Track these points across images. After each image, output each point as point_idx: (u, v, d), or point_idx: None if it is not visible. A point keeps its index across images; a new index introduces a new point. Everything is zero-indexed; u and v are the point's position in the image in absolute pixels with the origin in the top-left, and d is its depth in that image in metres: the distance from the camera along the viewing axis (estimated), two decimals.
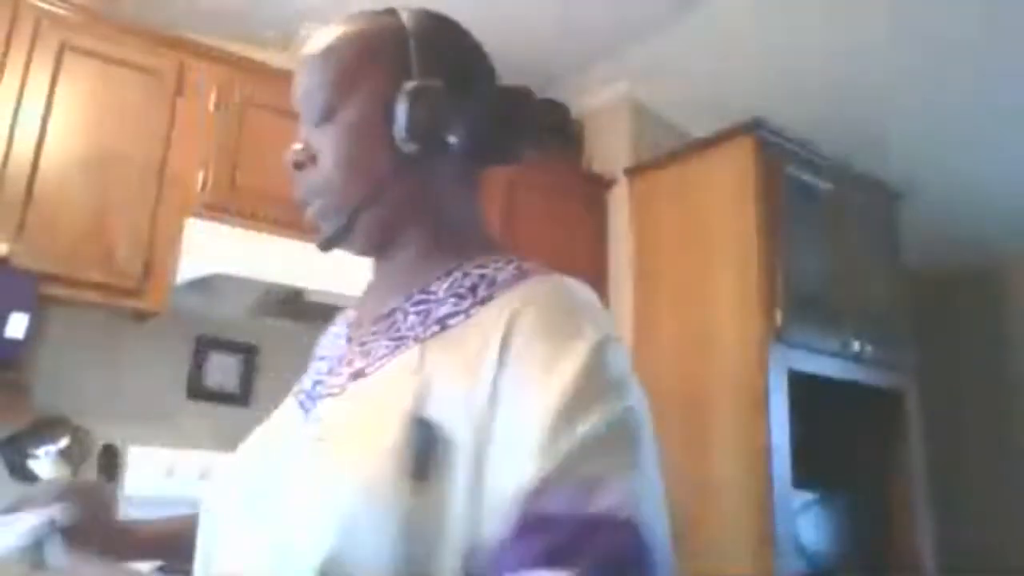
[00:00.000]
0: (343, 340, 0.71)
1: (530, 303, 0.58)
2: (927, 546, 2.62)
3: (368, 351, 0.65)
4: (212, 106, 2.09)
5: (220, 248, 2.00)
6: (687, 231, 2.58)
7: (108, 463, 2.05)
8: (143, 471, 2.07)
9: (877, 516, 2.64)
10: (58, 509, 0.66)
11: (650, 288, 2.67)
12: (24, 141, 1.83)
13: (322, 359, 0.72)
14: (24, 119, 1.84)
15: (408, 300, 0.65)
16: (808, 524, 2.39)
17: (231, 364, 2.33)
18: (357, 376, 0.63)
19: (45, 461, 1.95)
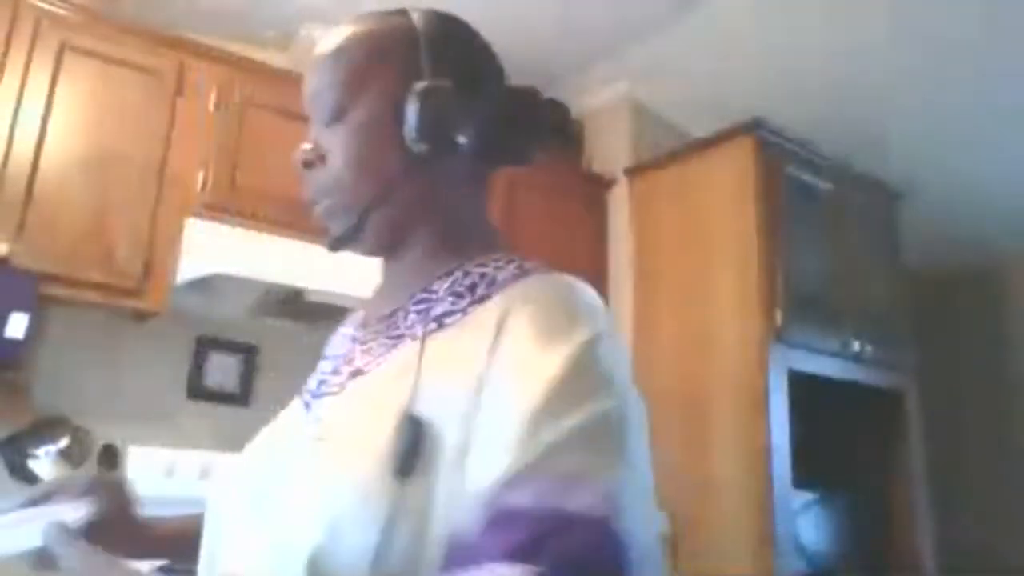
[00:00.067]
0: (350, 340, 0.71)
1: (527, 301, 0.58)
2: (927, 546, 2.62)
3: (369, 350, 0.65)
4: (212, 106, 2.09)
5: (220, 248, 1.99)
6: (687, 231, 2.58)
7: (108, 463, 2.05)
8: (143, 471, 2.06)
9: (877, 516, 2.63)
10: (86, 503, 0.66)
11: (650, 288, 2.67)
12: (24, 141, 1.83)
13: (328, 359, 0.72)
14: (24, 119, 1.84)
15: (411, 300, 0.66)
16: (808, 524, 2.39)
17: (231, 364, 2.33)
18: (356, 375, 0.64)
19: (45, 461, 1.94)
